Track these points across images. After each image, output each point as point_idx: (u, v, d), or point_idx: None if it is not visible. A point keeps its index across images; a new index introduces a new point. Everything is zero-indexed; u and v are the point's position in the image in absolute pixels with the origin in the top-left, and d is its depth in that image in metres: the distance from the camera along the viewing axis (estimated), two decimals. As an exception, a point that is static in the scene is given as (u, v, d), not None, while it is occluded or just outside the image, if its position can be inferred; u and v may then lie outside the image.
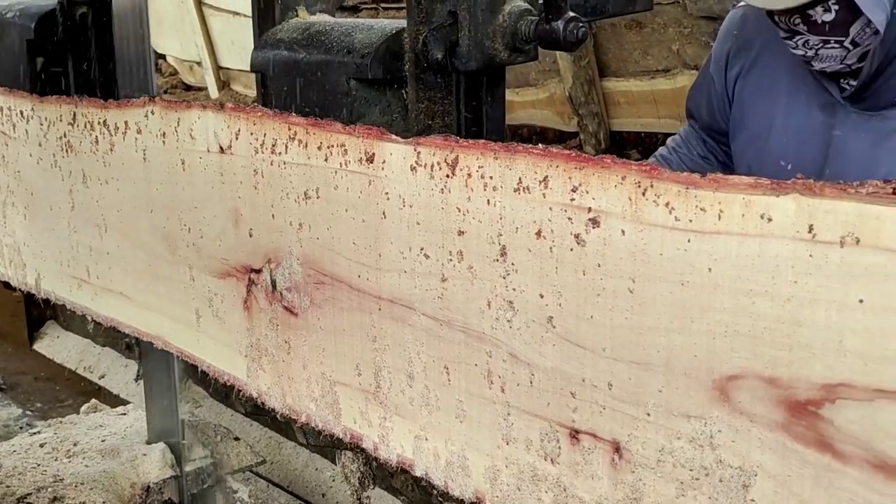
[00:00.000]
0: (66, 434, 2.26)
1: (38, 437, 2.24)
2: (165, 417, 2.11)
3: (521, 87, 5.20)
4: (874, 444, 0.87)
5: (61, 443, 2.20)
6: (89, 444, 2.20)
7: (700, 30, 4.17)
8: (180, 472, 2.11)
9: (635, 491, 1.08)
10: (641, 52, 4.58)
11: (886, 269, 0.84)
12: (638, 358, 1.04)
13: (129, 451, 2.15)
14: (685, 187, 0.97)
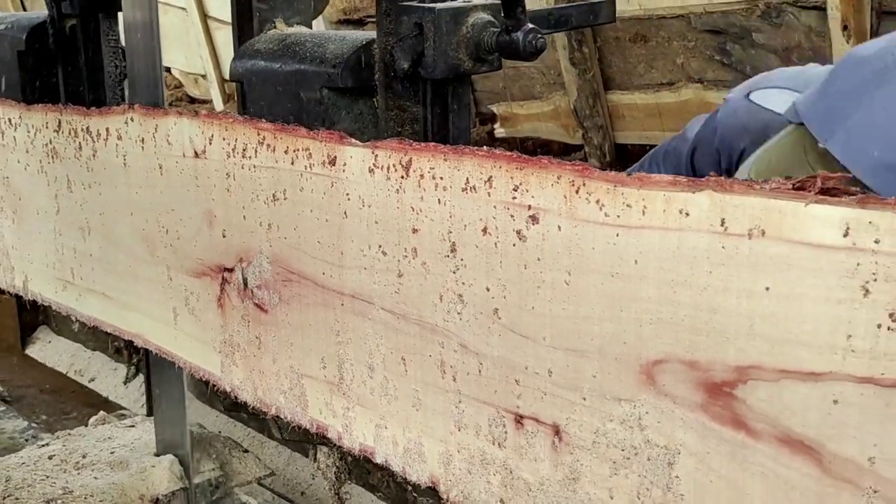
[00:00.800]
0: (74, 446, 2.26)
1: (46, 450, 2.25)
2: (174, 429, 2.11)
3: (526, 100, 5.23)
4: (781, 420, 0.95)
5: (70, 455, 2.21)
6: (98, 456, 2.21)
7: (704, 43, 4.21)
8: (189, 484, 2.11)
9: (573, 472, 1.15)
10: (646, 65, 4.61)
11: (789, 259, 0.91)
12: (574, 346, 1.12)
13: (137, 463, 2.14)
14: (613, 185, 1.04)
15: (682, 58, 4.38)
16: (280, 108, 1.89)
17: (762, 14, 3.89)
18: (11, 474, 2.09)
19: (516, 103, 5.26)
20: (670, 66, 4.46)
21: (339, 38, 1.85)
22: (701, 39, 4.23)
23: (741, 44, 3.97)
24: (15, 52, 2.72)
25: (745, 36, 3.98)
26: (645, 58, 4.56)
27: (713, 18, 4.11)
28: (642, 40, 4.51)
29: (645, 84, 4.69)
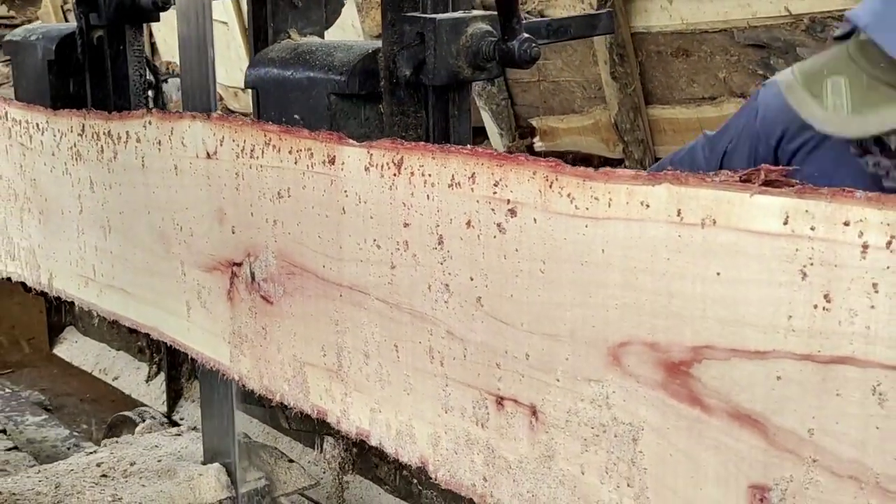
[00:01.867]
0: (122, 454, 2.25)
1: (94, 457, 2.24)
2: (221, 438, 2.10)
3: (566, 114, 5.23)
4: (731, 396, 1.02)
5: (118, 462, 2.21)
6: (145, 464, 2.20)
7: (747, 58, 4.19)
8: (235, 493, 2.12)
9: (549, 449, 1.23)
10: (688, 79, 4.59)
11: (736, 246, 0.99)
12: (549, 330, 1.20)
13: (185, 471, 2.13)
14: (582, 180, 1.12)
15: (725, 72, 4.37)
16: (291, 114, 1.99)
17: (807, 28, 3.86)
18: (61, 481, 2.10)
19: (556, 117, 5.24)
20: (712, 80, 4.44)
21: (346, 47, 1.95)
22: (744, 54, 4.21)
23: (785, 58, 3.93)
24: (45, 62, 2.85)
25: (789, 50, 3.96)
26: (687, 72, 4.56)
27: (757, 33, 4.08)
28: (684, 55, 4.50)
29: (686, 98, 4.66)
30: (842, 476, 0.94)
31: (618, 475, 1.15)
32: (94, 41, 2.81)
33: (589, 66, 4.79)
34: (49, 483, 2.07)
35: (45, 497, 2.02)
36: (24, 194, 2.33)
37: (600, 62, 4.63)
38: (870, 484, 0.93)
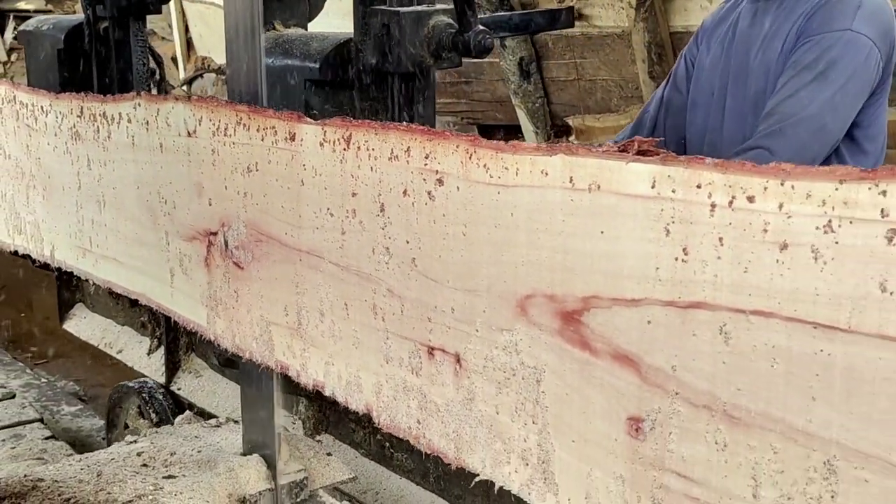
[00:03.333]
0: (162, 444, 2.26)
1: (135, 447, 2.26)
2: (261, 430, 2.11)
3: (602, 113, 5.27)
4: (613, 340, 1.17)
5: (158, 452, 2.21)
6: (185, 454, 2.20)
7: None
8: (275, 485, 2.12)
9: (470, 393, 1.38)
10: None
11: (616, 208, 1.14)
12: (470, 286, 1.35)
13: (225, 462, 2.13)
14: (496, 152, 1.28)
15: None
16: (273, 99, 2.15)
17: None
18: (102, 469, 2.11)
19: (592, 116, 5.29)
20: None
21: (322, 37, 2.11)
22: None
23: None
24: (55, 50, 3.03)
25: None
26: None
27: None
28: None
29: None
30: (698, 406, 1.09)
31: (525, 413, 1.30)
32: (101, 32, 2.98)
33: (626, 65, 4.84)
34: (91, 471, 2.10)
35: (87, 485, 2.04)
36: (30, 172, 2.51)
37: (638, 61, 4.66)
38: (719, 411, 1.07)
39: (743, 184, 1.01)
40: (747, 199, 1.01)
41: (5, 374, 4.34)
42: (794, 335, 0.99)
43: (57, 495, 2.01)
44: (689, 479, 1.12)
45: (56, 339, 4.95)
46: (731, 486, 1.07)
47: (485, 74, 5.39)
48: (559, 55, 4.90)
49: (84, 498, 1.98)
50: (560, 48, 4.78)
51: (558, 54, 4.87)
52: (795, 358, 0.99)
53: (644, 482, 1.16)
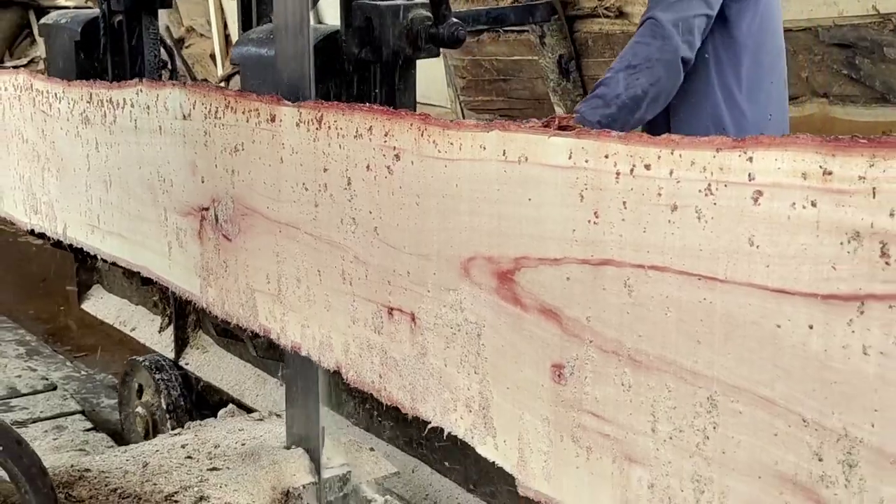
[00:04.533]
0: (206, 437, 2.28)
1: (179, 439, 2.28)
2: (305, 423, 2.13)
3: None
4: (539, 295, 1.31)
5: (202, 445, 2.23)
6: (229, 447, 2.22)
7: (832, 57, 4.04)
8: (318, 479, 2.13)
9: (423, 348, 1.53)
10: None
11: (540, 177, 1.28)
12: (422, 251, 1.50)
13: (268, 455, 2.15)
14: (443, 129, 1.42)
15: (808, 71, 4.20)
16: (266, 86, 2.30)
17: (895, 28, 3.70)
18: (148, 460, 2.15)
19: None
20: (794, 79, 4.20)
21: (312, 29, 2.26)
22: (828, 53, 4.09)
23: (871, 58, 3.80)
24: (72, 42, 3.20)
25: (876, 50, 3.78)
26: None
27: (842, 32, 3.95)
28: None
29: None
30: (608, 352, 1.23)
31: (468, 365, 1.45)
32: (115, 25, 3.15)
33: None
34: (136, 463, 2.13)
35: (133, 476, 2.08)
36: (45, 155, 2.68)
37: None
38: (625, 356, 1.21)
39: (641, 153, 1.15)
40: (645, 167, 1.15)
41: (46, 366, 4.43)
42: (683, 287, 1.13)
43: (104, 485, 2.05)
44: (601, 418, 1.26)
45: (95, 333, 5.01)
46: (635, 423, 1.22)
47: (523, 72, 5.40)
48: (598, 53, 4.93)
49: (130, 488, 2.02)
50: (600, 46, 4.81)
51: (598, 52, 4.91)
52: (684, 307, 1.13)
53: (565, 422, 1.31)
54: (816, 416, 1.02)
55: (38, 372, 4.30)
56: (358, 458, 2.20)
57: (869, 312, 0.96)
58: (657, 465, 1.20)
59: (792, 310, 1.03)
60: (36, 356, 4.62)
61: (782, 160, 1.01)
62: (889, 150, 0.93)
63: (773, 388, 1.06)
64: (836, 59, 4.01)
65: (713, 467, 1.13)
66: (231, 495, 1.98)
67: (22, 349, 4.73)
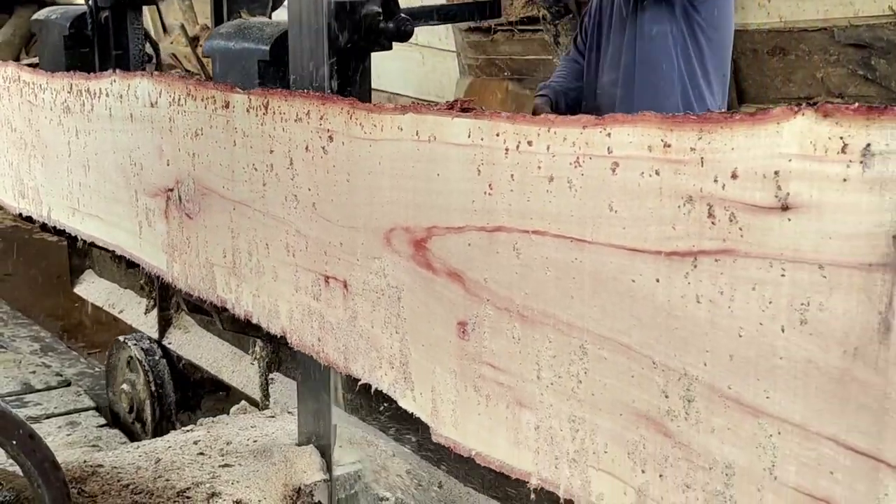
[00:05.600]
0: (218, 433, 2.29)
1: (191, 435, 2.29)
2: (317, 421, 2.14)
3: None
4: (447, 260, 1.47)
5: (214, 441, 2.25)
6: (241, 443, 2.23)
7: (847, 57, 4.05)
8: (329, 476, 2.15)
9: (354, 312, 1.68)
10: (783, 78, 4.43)
11: (447, 154, 1.43)
12: (353, 224, 1.65)
13: (280, 452, 2.16)
14: (368, 112, 1.58)
15: (823, 72, 4.22)
16: (234, 77, 2.46)
17: None
18: (161, 456, 2.16)
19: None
20: (809, 79, 4.32)
21: (276, 24, 2.41)
22: (844, 53, 4.10)
23: (887, 58, 3.82)
24: (61, 37, 3.37)
25: (892, 50, 3.81)
26: (783, 71, 4.43)
27: (858, 32, 3.96)
28: (781, 53, 4.36)
29: (781, 98, 4.45)
30: (501, 309, 1.39)
31: (391, 326, 1.60)
32: (102, 20, 3.32)
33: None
34: (149, 458, 2.15)
35: (145, 472, 2.09)
36: (31, 143, 2.85)
37: None
38: (515, 312, 1.37)
39: (525, 131, 1.30)
40: (528, 143, 1.30)
41: (60, 362, 4.50)
42: (559, 248, 1.28)
43: (116, 481, 2.07)
44: (497, 369, 1.41)
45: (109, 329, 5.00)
46: (523, 371, 1.37)
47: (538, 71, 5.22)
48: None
49: (143, 484, 2.04)
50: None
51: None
52: (560, 266, 1.28)
53: (469, 374, 1.46)
54: (663, 359, 1.17)
55: (53, 368, 4.34)
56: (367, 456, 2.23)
57: (700, 266, 1.11)
58: (541, 409, 1.35)
59: (643, 266, 1.18)
60: (51, 352, 4.70)
61: (633, 135, 1.16)
62: (713, 125, 1.08)
63: (630, 336, 1.21)
64: (851, 60, 4.05)
65: (585, 408, 1.29)
66: (243, 492, 2.01)
67: (37, 345, 4.84)
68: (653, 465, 1.21)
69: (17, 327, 5.17)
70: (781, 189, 1.02)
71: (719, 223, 1.09)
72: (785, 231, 1.02)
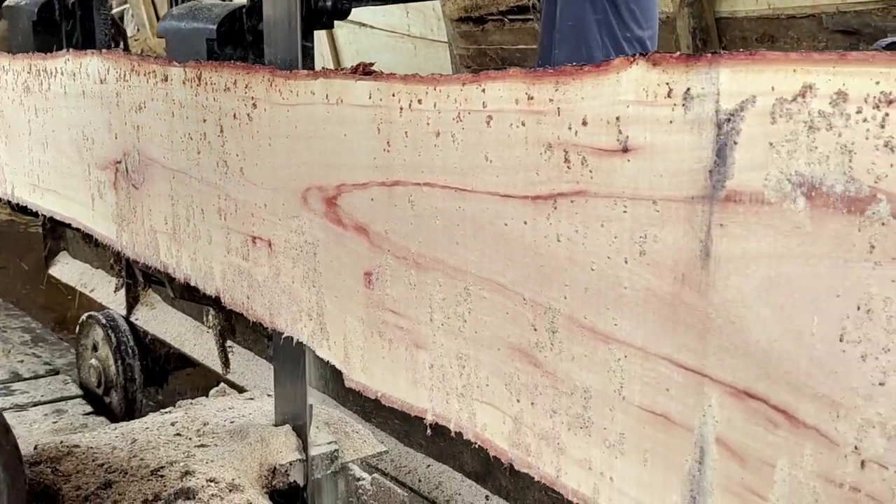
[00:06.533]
0: (196, 415, 2.32)
1: (169, 417, 2.32)
2: (293, 402, 2.17)
3: None
4: (354, 215, 1.57)
5: (192, 422, 2.27)
6: (218, 424, 2.25)
7: (836, 44, 4.10)
8: (306, 456, 2.17)
9: (277, 269, 1.79)
10: None
11: (353, 115, 1.54)
12: (275, 186, 1.76)
13: (256, 432, 2.18)
14: (284, 79, 1.68)
15: None
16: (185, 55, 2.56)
17: None
18: (137, 437, 2.19)
19: None
20: None
21: (224, 5, 2.52)
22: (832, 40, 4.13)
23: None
24: (30, 22, 3.47)
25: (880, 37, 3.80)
26: None
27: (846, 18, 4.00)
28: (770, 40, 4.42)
29: None
30: (400, 258, 1.49)
31: (309, 280, 1.71)
32: (69, 6, 3.41)
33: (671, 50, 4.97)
34: (125, 439, 2.19)
35: (120, 451, 2.13)
36: (-4, 124, 2.95)
37: (682, 46, 4.67)
38: (411, 260, 1.47)
39: (415, 91, 1.40)
40: (418, 102, 1.40)
41: (50, 352, 4.55)
42: (446, 198, 1.39)
43: (91, 460, 2.11)
44: (397, 314, 1.52)
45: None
46: (419, 314, 1.47)
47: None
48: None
49: (117, 463, 2.07)
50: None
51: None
52: (447, 214, 1.39)
53: (374, 320, 1.57)
54: (532, 295, 1.28)
55: (43, 358, 4.42)
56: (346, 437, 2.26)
57: (559, 208, 1.22)
58: (434, 349, 1.45)
59: (513, 210, 1.28)
60: (41, 343, 4.76)
61: (503, 89, 1.27)
62: (566, 77, 1.19)
63: (505, 276, 1.32)
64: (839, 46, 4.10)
65: (470, 345, 1.39)
66: (217, 470, 2.04)
67: (27, 336, 4.87)
68: (526, 395, 1.31)
69: (9, 318, 5.21)
70: (622, 133, 1.12)
71: (574, 167, 1.19)
72: (626, 171, 1.13)
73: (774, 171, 0.98)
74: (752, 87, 0.99)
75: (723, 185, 1.03)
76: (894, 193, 0.89)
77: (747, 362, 1.03)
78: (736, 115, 1.01)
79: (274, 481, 2.14)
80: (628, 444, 1.18)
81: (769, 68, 0.97)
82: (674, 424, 1.12)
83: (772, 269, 1.00)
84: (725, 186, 1.03)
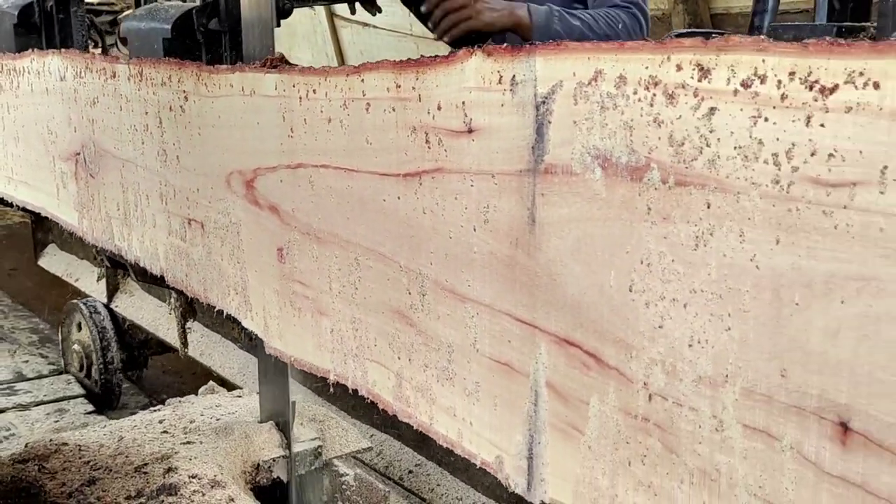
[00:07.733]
0: (183, 412, 2.36)
1: (157, 415, 2.37)
2: (277, 399, 2.21)
3: None
4: (267, 196, 1.73)
5: (179, 420, 2.31)
6: (205, 422, 2.29)
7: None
8: (289, 452, 2.20)
9: (209, 249, 1.95)
10: None
11: (262, 105, 1.70)
12: (205, 171, 1.92)
13: (241, 429, 2.22)
14: (209, 73, 1.84)
15: None
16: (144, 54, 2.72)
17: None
18: (124, 435, 2.24)
19: None
20: None
21: (179, 6, 2.68)
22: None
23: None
24: (10, 25, 3.64)
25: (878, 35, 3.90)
26: None
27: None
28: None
29: None
30: (304, 233, 1.65)
31: (234, 258, 1.87)
32: (48, 9, 3.59)
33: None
34: (112, 437, 2.24)
35: (107, 449, 2.18)
36: (-25, 120, 3.13)
37: None
38: (313, 236, 1.63)
39: (311, 82, 1.56)
40: (313, 92, 1.56)
41: (57, 353, 4.67)
42: (338, 178, 1.54)
43: (77, 458, 2.16)
44: (304, 285, 1.68)
45: None
46: (321, 284, 1.63)
47: None
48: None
49: (102, 461, 2.13)
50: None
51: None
52: (339, 193, 1.55)
53: (286, 292, 1.73)
54: (406, 262, 1.44)
55: (49, 358, 4.53)
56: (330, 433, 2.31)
57: (424, 183, 1.37)
58: (333, 314, 1.61)
59: (389, 187, 1.44)
60: (48, 343, 4.89)
61: (377, 79, 1.42)
62: (425, 68, 1.34)
63: (385, 246, 1.47)
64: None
65: (361, 310, 1.55)
66: (200, 467, 2.09)
67: (35, 337, 5.05)
68: (405, 352, 1.47)
69: (17, 319, 5.40)
70: (467, 116, 1.28)
71: (433, 147, 1.35)
72: (472, 150, 1.28)
73: (578, 146, 1.13)
74: (560, 73, 1.14)
75: (542, 159, 1.18)
76: (663, 162, 1.04)
77: (566, 313, 1.19)
78: (549, 97, 1.16)
79: (258, 477, 2.21)
80: (482, 391, 1.34)
81: (571, 56, 1.13)
82: (515, 372, 1.28)
83: (580, 230, 1.15)
84: (544, 161, 1.18)
